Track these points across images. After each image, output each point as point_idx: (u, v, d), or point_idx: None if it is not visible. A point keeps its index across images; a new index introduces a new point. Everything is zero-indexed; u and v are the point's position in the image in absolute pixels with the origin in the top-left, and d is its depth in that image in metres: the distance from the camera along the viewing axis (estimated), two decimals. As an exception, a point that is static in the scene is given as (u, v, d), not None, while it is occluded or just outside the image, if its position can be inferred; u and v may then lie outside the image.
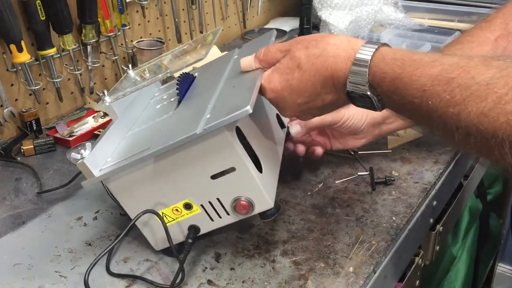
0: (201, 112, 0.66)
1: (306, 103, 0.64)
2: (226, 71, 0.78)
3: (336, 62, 0.60)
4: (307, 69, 0.62)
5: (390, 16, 1.52)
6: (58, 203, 0.86)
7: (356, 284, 0.67)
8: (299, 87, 0.63)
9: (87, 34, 1.13)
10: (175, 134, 0.63)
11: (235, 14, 1.64)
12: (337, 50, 0.61)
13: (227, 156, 0.64)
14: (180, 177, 0.66)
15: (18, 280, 0.70)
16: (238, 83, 0.70)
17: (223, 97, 0.68)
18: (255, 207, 0.67)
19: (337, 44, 0.61)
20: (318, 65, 0.61)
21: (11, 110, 1.04)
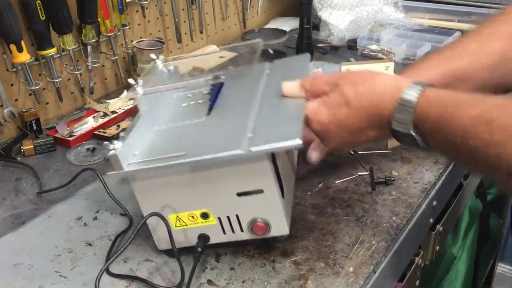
0: (240, 129, 0.66)
1: (351, 137, 0.67)
2: (260, 87, 0.77)
3: (383, 101, 0.63)
4: (354, 106, 0.65)
5: (390, 16, 1.52)
6: (58, 203, 0.86)
7: (356, 284, 0.67)
8: (346, 123, 0.66)
9: (87, 34, 1.13)
10: (214, 147, 0.63)
11: (235, 14, 1.64)
12: (384, 89, 0.63)
13: (259, 179, 0.65)
14: (206, 188, 0.67)
15: (18, 280, 0.70)
16: (279, 107, 0.71)
17: (265, 119, 0.68)
18: (271, 230, 0.68)
19: (384, 83, 0.64)
20: (365, 102, 0.64)
21: (11, 110, 1.04)
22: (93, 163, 0.97)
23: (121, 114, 1.12)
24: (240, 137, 0.63)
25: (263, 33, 1.67)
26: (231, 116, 0.72)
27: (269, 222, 0.67)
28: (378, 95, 0.63)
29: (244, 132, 0.64)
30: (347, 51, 1.50)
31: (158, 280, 0.69)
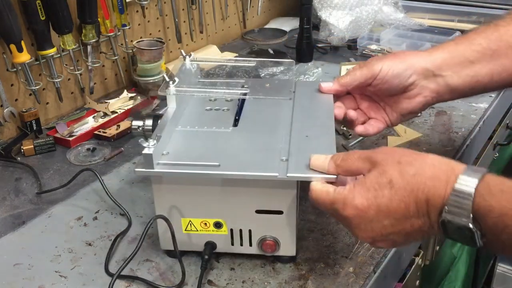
0: (273, 150, 0.67)
1: (393, 226, 0.56)
2: (286, 106, 0.78)
3: (435, 186, 0.53)
4: (400, 188, 0.55)
5: (390, 16, 1.52)
6: (58, 203, 0.86)
7: (356, 284, 0.67)
8: (388, 207, 0.55)
9: (87, 34, 1.13)
10: (248, 164, 0.64)
11: (235, 14, 1.64)
12: (436, 172, 0.54)
13: (283, 201, 0.66)
14: (227, 200, 0.67)
15: (18, 280, 0.70)
16: (310, 131, 0.71)
17: (297, 143, 0.68)
18: (280, 249, 0.69)
19: (436, 165, 0.55)
20: (414, 185, 0.54)
21: (11, 110, 1.04)
22: (93, 163, 0.97)
23: (121, 114, 1.12)
24: (274, 159, 0.65)
25: (263, 33, 1.67)
26: (260, 133, 0.72)
27: (280, 241, 0.69)
28: (430, 178, 0.54)
29: (277, 154, 0.66)
30: (347, 51, 1.50)
31: (158, 281, 0.68)
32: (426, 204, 0.54)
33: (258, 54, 1.52)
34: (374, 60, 0.78)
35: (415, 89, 0.78)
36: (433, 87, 0.78)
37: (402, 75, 0.77)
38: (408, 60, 0.77)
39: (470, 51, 0.76)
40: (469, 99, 1.16)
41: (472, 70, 0.76)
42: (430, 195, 0.53)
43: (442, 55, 0.77)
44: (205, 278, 0.69)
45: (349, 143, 0.99)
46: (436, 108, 1.13)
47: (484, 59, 0.76)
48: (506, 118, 1.37)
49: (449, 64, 0.77)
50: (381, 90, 0.79)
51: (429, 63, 0.77)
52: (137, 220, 0.81)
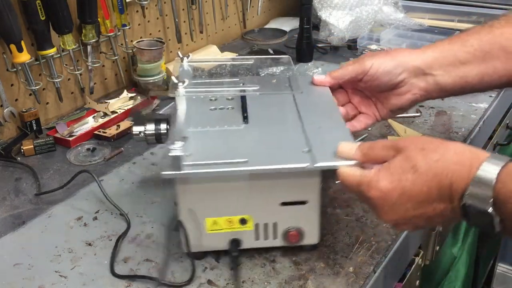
0: (293, 142, 0.69)
1: (415, 209, 0.58)
2: (289, 100, 0.80)
3: (458, 171, 0.54)
4: (423, 172, 0.56)
5: (390, 16, 1.52)
6: (58, 203, 0.86)
7: (356, 284, 0.67)
8: (411, 190, 0.57)
9: (87, 34, 1.13)
10: (275, 158, 0.65)
11: (235, 14, 1.64)
12: (460, 158, 0.55)
13: (308, 191, 0.68)
14: (253, 196, 0.67)
15: (18, 280, 0.70)
16: (322, 123, 0.73)
17: (314, 135, 0.70)
18: (304, 239, 0.71)
19: (459, 152, 0.56)
20: (437, 170, 0.56)
21: (11, 110, 1.04)
22: (93, 163, 0.97)
23: (121, 114, 1.12)
24: (296, 151, 0.66)
25: (263, 33, 1.67)
26: (272, 128, 0.73)
27: (304, 231, 0.70)
28: (454, 163, 0.55)
29: (297, 146, 0.67)
30: (347, 51, 1.50)
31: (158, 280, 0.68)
32: (449, 189, 0.55)
33: (258, 54, 1.52)
34: (367, 57, 0.80)
35: (404, 86, 0.80)
36: (422, 85, 0.79)
37: (392, 72, 0.78)
38: (399, 58, 0.79)
39: (462, 52, 0.78)
40: (469, 99, 1.17)
41: (462, 70, 0.78)
42: (453, 180, 0.54)
43: (434, 54, 0.79)
44: (205, 278, 0.69)
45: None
46: (436, 108, 1.13)
47: (475, 61, 0.78)
48: (506, 118, 1.37)
49: (440, 63, 0.78)
50: (372, 86, 0.81)
51: (420, 62, 0.78)
52: (137, 220, 0.81)
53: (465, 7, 1.59)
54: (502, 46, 0.76)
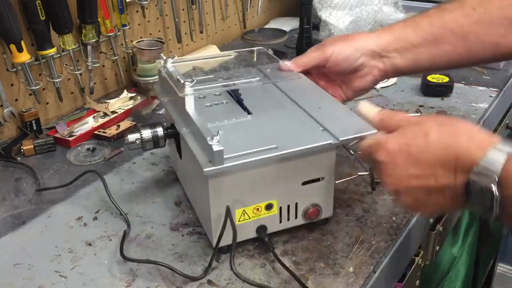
0: (304, 124, 0.72)
1: (417, 177, 0.58)
2: (275, 89, 0.83)
3: (468, 147, 0.55)
4: (434, 140, 0.57)
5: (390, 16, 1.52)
6: (58, 203, 0.86)
7: (356, 284, 0.67)
8: (418, 156, 0.57)
9: (87, 34, 1.13)
10: (299, 140, 0.68)
11: (235, 14, 1.64)
12: (474, 136, 0.56)
13: (325, 167, 0.71)
14: (280, 179, 0.69)
15: (18, 280, 0.70)
16: (322, 107, 0.76)
17: (321, 116, 0.73)
18: (321, 214, 0.74)
19: (475, 132, 0.57)
20: (449, 141, 0.56)
21: (11, 110, 1.04)
22: (93, 163, 0.97)
23: (121, 114, 1.12)
24: (313, 131, 0.70)
25: (263, 33, 1.67)
26: (277, 115, 0.76)
27: (321, 206, 0.74)
28: (466, 139, 0.56)
29: (311, 126, 0.71)
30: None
31: (158, 280, 0.69)
32: (455, 161, 0.55)
33: (258, 54, 1.52)
34: (328, 43, 0.84)
35: (364, 69, 0.84)
36: (380, 66, 0.84)
37: (351, 57, 0.83)
38: (356, 43, 0.83)
39: (413, 36, 0.82)
40: (469, 99, 1.17)
41: (414, 53, 0.82)
42: (461, 153, 0.55)
43: (388, 38, 0.83)
44: (205, 278, 0.69)
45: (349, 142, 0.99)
46: (436, 108, 1.13)
47: (426, 44, 0.81)
48: (506, 118, 1.37)
49: (394, 46, 0.82)
50: (334, 71, 0.85)
51: (375, 46, 0.83)
52: (137, 220, 0.81)
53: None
54: (451, 30, 0.80)
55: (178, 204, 0.84)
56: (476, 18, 0.79)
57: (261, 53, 0.94)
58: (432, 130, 0.58)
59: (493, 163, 0.52)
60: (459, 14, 0.80)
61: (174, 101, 0.80)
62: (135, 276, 0.69)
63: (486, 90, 1.21)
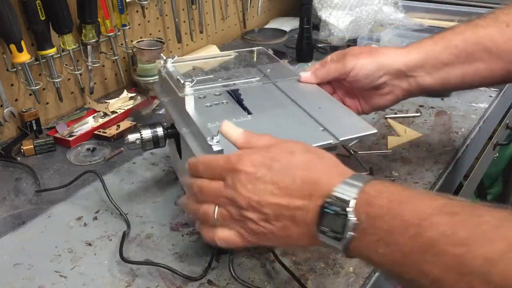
0: (305, 124, 0.73)
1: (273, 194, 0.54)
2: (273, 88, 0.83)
3: (329, 173, 0.54)
4: (298, 160, 0.56)
5: (390, 16, 1.52)
6: (58, 203, 0.86)
7: (356, 284, 0.67)
8: (279, 172, 0.55)
9: (87, 34, 1.13)
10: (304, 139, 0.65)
11: (235, 14, 1.64)
12: (337, 165, 0.56)
13: None
14: None
15: (18, 280, 0.70)
16: (320, 106, 0.77)
17: (320, 116, 0.74)
18: None
19: (338, 163, 0.56)
20: (312, 162, 0.55)
21: (11, 110, 1.04)
22: (93, 163, 0.97)
23: (121, 114, 1.12)
24: (314, 130, 0.71)
25: (263, 33, 1.67)
26: (278, 114, 0.76)
27: None
28: (328, 165, 0.55)
29: (311, 126, 0.72)
30: (347, 51, 1.49)
31: (158, 280, 0.69)
32: (314, 185, 0.53)
33: (258, 54, 1.52)
34: (350, 56, 0.81)
35: (386, 88, 0.81)
36: (404, 86, 0.81)
37: (373, 75, 0.79)
38: (381, 60, 0.79)
39: (445, 54, 0.78)
40: (469, 99, 1.17)
41: (444, 72, 0.79)
42: (322, 177, 0.53)
43: (417, 56, 0.79)
44: (205, 278, 0.69)
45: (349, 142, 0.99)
46: (436, 108, 1.13)
47: (457, 62, 0.78)
48: (506, 118, 1.37)
49: (423, 66, 0.79)
50: (354, 85, 0.82)
51: (402, 65, 0.79)
52: (137, 220, 0.81)
53: (465, 7, 1.59)
54: (485, 48, 0.77)
55: (178, 204, 0.84)
56: (511, 36, 0.76)
57: (261, 53, 0.94)
58: (298, 150, 0.56)
59: (351, 188, 0.50)
60: (494, 30, 0.77)
61: (174, 101, 0.80)
62: (135, 276, 0.69)
63: (486, 90, 1.21)
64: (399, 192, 0.49)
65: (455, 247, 0.42)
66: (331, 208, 0.50)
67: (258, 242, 0.57)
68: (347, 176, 0.53)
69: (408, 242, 0.45)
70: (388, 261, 0.47)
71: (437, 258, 0.43)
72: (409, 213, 0.46)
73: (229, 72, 0.88)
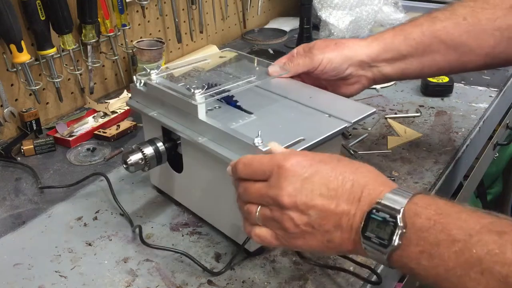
0: (309, 114, 0.74)
1: (321, 196, 0.53)
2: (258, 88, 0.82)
3: (376, 181, 0.54)
4: (345, 165, 0.55)
5: (390, 16, 1.52)
6: (58, 203, 0.86)
7: (356, 284, 0.67)
8: (328, 175, 0.54)
9: (87, 34, 1.13)
10: (318, 128, 0.70)
11: (235, 14, 1.64)
12: (380, 175, 0.56)
13: (335, 150, 0.76)
14: None
15: (18, 280, 0.70)
16: (314, 98, 0.79)
17: (319, 103, 0.76)
18: None
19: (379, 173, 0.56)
20: (359, 169, 0.55)
21: (11, 110, 1.04)
22: (93, 163, 0.97)
23: (121, 114, 1.12)
24: (322, 119, 0.73)
25: (263, 33, 1.67)
26: (277, 110, 0.76)
27: None
28: (374, 175, 0.55)
29: (316, 115, 0.74)
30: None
31: (158, 280, 0.69)
32: (361, 190, 0.52)
33: (258, 54, 1.52)
34: (317, 49, 0.84)
35: (352, 78, 0.85)
36: (369, 75, 0.85)
37: (339, 68, 0.83)
38: (346, 53, 0.83)
39: (404, 46, 0.82)
40: (469, 99, 1.17)
41: (403, 62, 0.83)
42: (370, 183, 0.53)
43: (378, 47, 0.83)
44: (205, 278, 0.69)
45: (349, 142, 0.99)
46: (436, 108, 1.13)
47: (416, 53, 0.82)
48: (506, 118, 1.37)
49: (383, 57, 0.83)
50: (322, 77, 0.85)
51: (365, 56, 0.83)
52: (137, 220, 0.81)
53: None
54: (442, 40, 0.80)
55: (178, 204, 0.84)
56: (467, 28, 0.79)
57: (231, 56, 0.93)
58: (345, 158, 0.57)
59: (400, 198, 0.50)
60: (450, 24, 0.80)
61: (174, 112, 0.74)
62: (135, 276, 0.69)
63: (486, 90, 1.21)
64: (447, 207, 0.49)
65: (503, 267, 0.42)
66: (379, 214, 0.50)
67: (291, 245, 0.56)
68: (394, 186, 0.53)
69: (453, 257, 0.45)
70: (430, 274, 0.47)
71: (482, 276, 0.43)
72: (456, 228, 0.46)
73: (212, 77, 0.86)
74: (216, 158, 0.67)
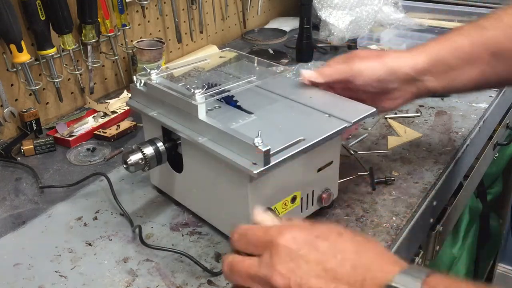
0: (309, 114, 0.74)
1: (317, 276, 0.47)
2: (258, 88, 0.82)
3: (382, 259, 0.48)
4: (346, 240, 0.50)
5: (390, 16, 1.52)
6: (58, 203, 0.86)
7: (356, 284, 0.67)
8: (324, 252, 0.49)
9: (87, 34, 1.13)
10: (318, 128, 0.70)
11: (235, 14, 1.64)
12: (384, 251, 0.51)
13: (334, 151, 0.75)
14: (303, 170, 0.71)
15: (18, 280, 0.70)
16: (314, 99, 0.78)
17: (320, 103, 0.76)
18: (332, 197, 0.77)
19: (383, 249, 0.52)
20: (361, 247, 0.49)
21: (11, 110, 1.04)
22: (93, 163, 0.97)
23: (121, 114, 1.12)
24: (321, 118, 0.73)
25: (263, 33, 1.67)
26: (278, 110, 0.76)
27: (331, 190, 0.77)
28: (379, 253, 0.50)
29: (316, 115, 0.73)
30: (347, 51, 1.49)
31: (158, 280, 0.69)
32: (365, 271, 0.47)
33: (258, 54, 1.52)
34: (356, 58, 0.79)
35: (396, 92, 0.80)
36: (414, 90, 0.80)
37: (384, 80, 0.78)
38: (389, 64, 0.78)
39: (452, 58, 0.77)
40: (469, 99, 1.17)
41: (451, 75, 0.78)
42: (374, 263, 0.48)
43: (424, 59, 0.78)
44: (205, 278, 0.69)
45: (349, 143, 0.99)
46: (436, 108, 1.13)
47: (465, 65, 0.77)
48: (506, 118, 1.37)
49: (430, 70, 0.78)
50: (362, 89, 0.79)
51: (410, 70, 0.78)
52: (137, 220, 0.81)
53: (465, 7, 1.59)
54: (491, 51, 0.76)
55: (178, 204, 0.84)
56: None
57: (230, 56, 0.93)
58: (347, 232, 0.51)
59: (413, 280, 0.45)
60: (499, 33, 0.76)
61: (174, 112, 0.74)
62: (135, 276, 0.69)
63: (486, 90, 1.21)
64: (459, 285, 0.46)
65: None
66: None
67: None
68: (404, 265, 0.47)
69: None
70: None
71: None
72: None
73: (212, 77, 0.85)
74: (216, 158, 0.67)
